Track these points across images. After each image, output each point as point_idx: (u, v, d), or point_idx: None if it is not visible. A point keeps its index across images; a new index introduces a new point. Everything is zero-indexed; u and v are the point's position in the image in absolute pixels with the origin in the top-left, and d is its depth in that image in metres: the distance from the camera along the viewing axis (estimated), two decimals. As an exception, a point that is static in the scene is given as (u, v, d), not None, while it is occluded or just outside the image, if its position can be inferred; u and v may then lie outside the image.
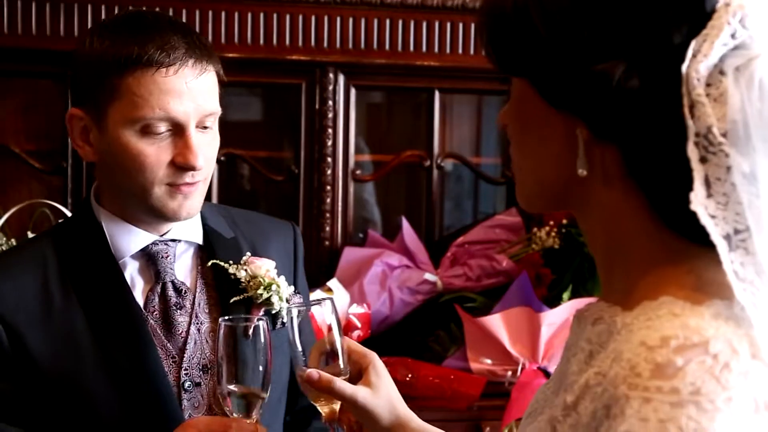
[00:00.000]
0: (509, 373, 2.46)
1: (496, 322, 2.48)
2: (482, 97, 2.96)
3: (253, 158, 2.74)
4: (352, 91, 2.71)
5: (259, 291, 1.39)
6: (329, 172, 2.70)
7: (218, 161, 2.68)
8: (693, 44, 0.72)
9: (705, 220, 0.71)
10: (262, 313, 1.39)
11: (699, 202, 0.71)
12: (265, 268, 1.41)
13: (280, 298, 1.40)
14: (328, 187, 2.71)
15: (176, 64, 1.29)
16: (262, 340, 1.22)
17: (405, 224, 2.73)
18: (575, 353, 0.81)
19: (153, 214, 1.37)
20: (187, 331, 1.38)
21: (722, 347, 0.68)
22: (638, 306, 0.75)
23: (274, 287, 1.39)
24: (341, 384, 1.13)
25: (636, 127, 0.74)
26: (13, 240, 2.32)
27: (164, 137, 1.32)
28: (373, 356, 1.17)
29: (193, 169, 1.33)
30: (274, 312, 1.40)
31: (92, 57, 1.32)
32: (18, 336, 1.31)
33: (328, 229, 2.71)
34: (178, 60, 1.29)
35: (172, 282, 1.39)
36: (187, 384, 1.37)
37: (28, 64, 2.61)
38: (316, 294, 2.34)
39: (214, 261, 1.41)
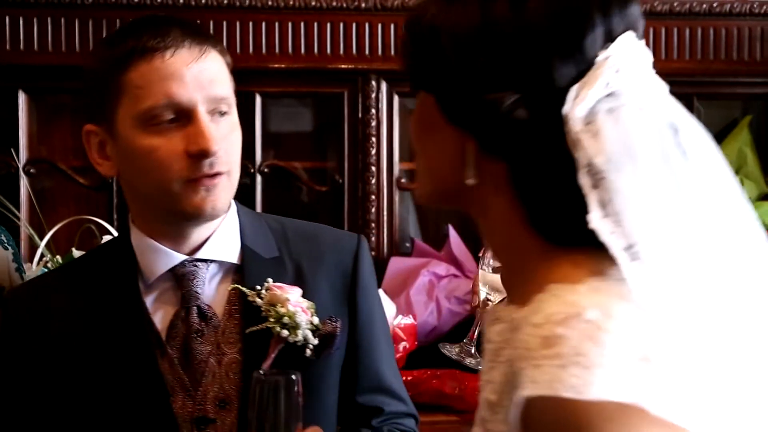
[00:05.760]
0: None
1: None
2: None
3: (296, 169, 2.72)
4: (395, 99, 2.67)
5: (274, 322, 1.28)
6: (374, 181, 2.67)
7: (261, 173, 2.66)
8: (575, 88, 0.84)
9: (606, 237, 0.81)
10: (282, 346, 1.29)
11: (597, 222, 0.82)
12: (285, 296, 1.29)
13: (293, 333, 1.28)
14: (373, 197, 2.67)
15: (172, 47, 1.24)
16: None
17: (452, 233, 2.67)
18: (485, 355, 0.92)
19: (177, 217, 1.29)
20: (206, 362, 1.30)
21: (596, 314, 0.78)
22: (532, 301, 0.84)
23: (286, 320, 1.27)
24: None
25: (523, 150, 0.86)
26: (58, 257, 2.33)
27: (173, 128, 1.25)
28: None
29: (207, 154, 1.23)
30: (299, 344, 1.29)
31: (96, 66, 1.31)
32: (38, 357, 1.31)
33: (373, 239, 2.67)
34: (173, 43, 1.24)
35: (198, 307, 1.32)
36: (200, 420, 1.29)
37: (74, 81, 2.62)
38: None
39: (235, 285, 1.32)
